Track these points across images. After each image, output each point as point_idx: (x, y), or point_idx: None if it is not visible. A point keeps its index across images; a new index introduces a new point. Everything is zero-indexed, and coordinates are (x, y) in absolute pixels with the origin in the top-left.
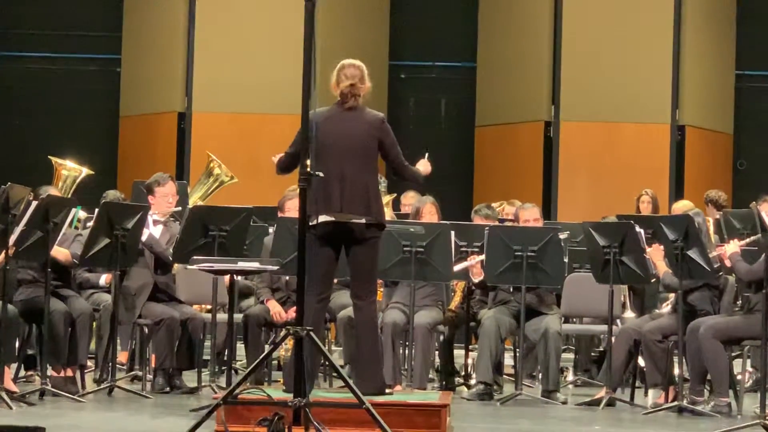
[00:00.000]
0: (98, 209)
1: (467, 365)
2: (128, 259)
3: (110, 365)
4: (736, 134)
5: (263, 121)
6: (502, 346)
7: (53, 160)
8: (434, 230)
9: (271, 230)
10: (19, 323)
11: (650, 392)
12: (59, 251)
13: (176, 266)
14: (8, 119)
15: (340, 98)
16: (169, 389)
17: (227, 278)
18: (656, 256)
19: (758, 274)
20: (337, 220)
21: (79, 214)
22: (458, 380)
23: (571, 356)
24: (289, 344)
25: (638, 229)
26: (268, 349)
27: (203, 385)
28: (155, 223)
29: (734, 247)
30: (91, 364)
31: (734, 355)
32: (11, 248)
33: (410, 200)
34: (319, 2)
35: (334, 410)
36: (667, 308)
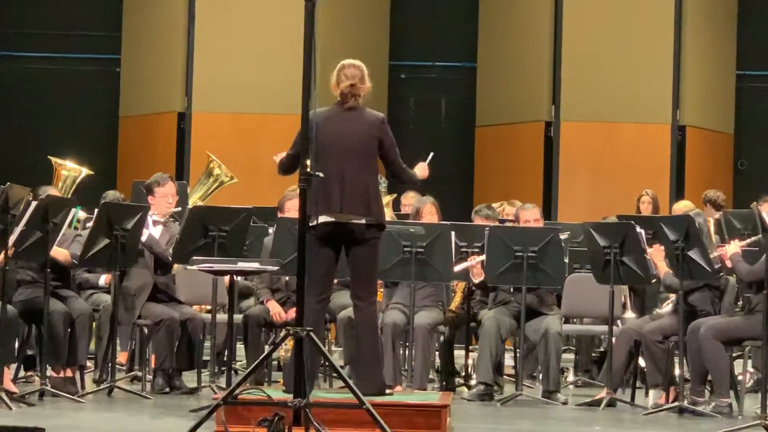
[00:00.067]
0: (98, 209)
1: (467, 366)
2: (128, 259)
3: (110, 366)
4: (736, 134)
5: (263, 121)
6: (502, 346)
7: (53, 160)
8: (434, 231)
9: (270, 230)
10: (18, 324)
11: (651, 393)
12: (59, 251)
13: (176, 267)
14: (8, 119)
15: (340, 98)
16: (168, 390)
17: (227, 279)
18: (657, 256)
19: (759, 274)
20: (337, 220)
21: (78, 214)
22: (458, 381)
23: (571, 357)
24: (289, 345)
25: (639, 229)
26: (268, 349)
27: (203, 385)
28: (155, 223)
29: (735, 247)
30: (90, 364)
31: (735, 355)
32: (11, 248)
33: (410, 200)
34: (319, 2)
35: (334, 411)
36: (667, 309)
